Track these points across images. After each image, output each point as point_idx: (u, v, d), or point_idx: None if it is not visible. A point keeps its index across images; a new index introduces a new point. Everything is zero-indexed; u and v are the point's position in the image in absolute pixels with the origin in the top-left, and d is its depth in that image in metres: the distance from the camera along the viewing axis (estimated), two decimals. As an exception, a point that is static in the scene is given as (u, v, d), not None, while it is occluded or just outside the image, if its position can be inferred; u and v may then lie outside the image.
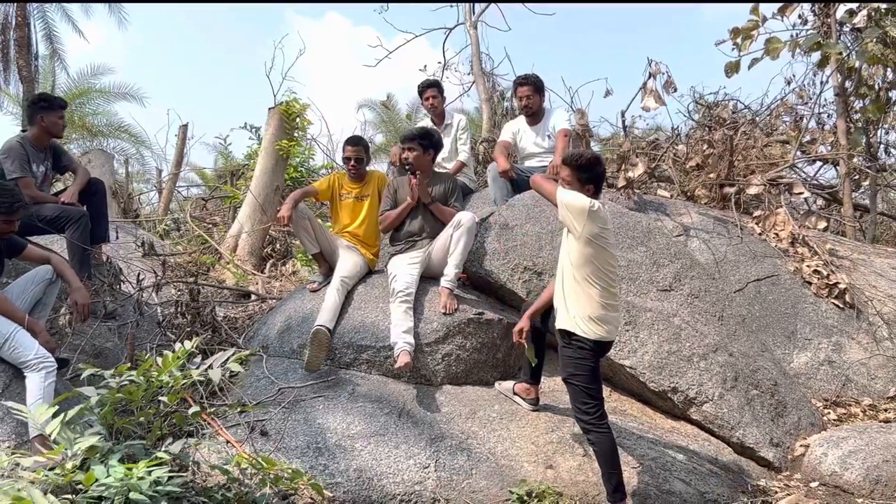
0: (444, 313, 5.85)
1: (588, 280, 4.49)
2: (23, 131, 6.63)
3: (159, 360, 4.13)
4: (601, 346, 4.59)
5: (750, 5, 8.20)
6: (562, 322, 4.57)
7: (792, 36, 8.23)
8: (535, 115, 7.68)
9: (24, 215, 5.26)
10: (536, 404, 5.49)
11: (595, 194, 4.67)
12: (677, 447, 5.36)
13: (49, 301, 5.48)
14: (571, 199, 4.52)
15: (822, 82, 9.69)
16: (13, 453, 4.04)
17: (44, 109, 6.34)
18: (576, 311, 4.51)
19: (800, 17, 9.02)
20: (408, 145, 6.28)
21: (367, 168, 6.77)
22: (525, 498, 4.62)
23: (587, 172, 4.64)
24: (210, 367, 4.06)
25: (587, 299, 4.49)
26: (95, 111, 23.11)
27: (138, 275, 6.68)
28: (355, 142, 6.63)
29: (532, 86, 7.55)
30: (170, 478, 3.54)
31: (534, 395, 5.48)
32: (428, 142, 6.30)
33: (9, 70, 22.87)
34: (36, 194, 6.11)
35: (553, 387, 6.03)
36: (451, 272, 5.94)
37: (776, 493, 5.18)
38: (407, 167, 6.34)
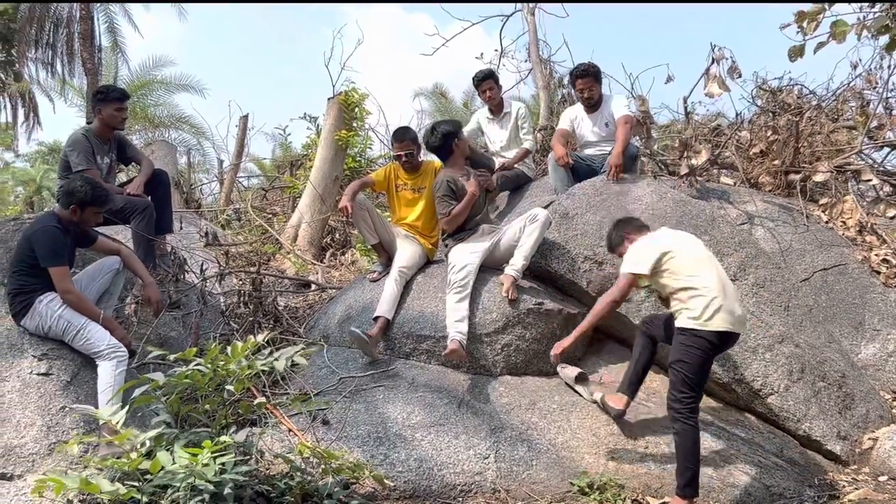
0: (508, 301, 5.83)
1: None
2: (88, 123, 6.75)
3: (228, 350, 4.19)
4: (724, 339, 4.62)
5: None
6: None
7: (859, 19, 8.01)
8: (594, 104, 7.55)
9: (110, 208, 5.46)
10: (622, 417, 5.28)
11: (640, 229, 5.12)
12: (742, 439, 5.28)
13: (115, 291, 5.59)
14: (636, 251, 4.84)
15: (890, 66, 9.42)
16: (82, 441, 4.14)
17: (101, 102, 6.43)
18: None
19: (867, -2, 8.76)
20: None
21: (422, 158, 6.75)
22: (586, 489, 4.60)
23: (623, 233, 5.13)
24: (276, 358, 4.11)
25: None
26: (157, 102, 23.54)
27: (201, 265, 6.77)
28: (400, 137, 6.57)
29: (591, 77, 7.36)
30: (234, 464, 3.59)
31: (623, 406, 5.22)
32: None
33: (73, 63, 23.38)
34: (105, 185, 6.21)
35: (612, 378, 5.99)
36: (518, 262, 5.91)
37: (844, 487, 5.08)
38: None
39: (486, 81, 8.26)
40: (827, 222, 7.76)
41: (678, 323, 4.58)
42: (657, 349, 5.23)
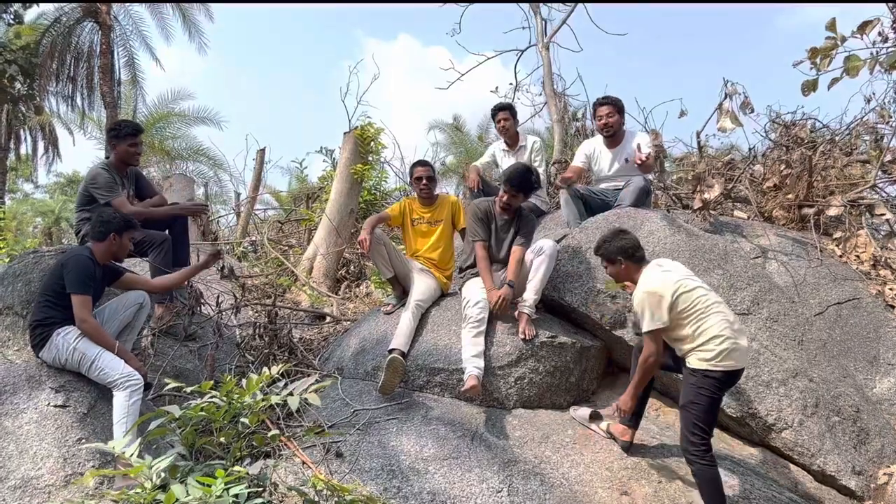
0: (523, 339, 5.85)
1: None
2: (106, 157, 6.84)
3: (243, 382, 4.23)
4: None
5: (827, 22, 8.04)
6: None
7: (872, 54, 8.05)
8: (614, 137, 7.52)
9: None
10: (629, 448, 5.30)
11: (640, 260, 5.03)
12: (756, 474, 5.26)
13: (137, 325, 5.66)
14: (647, 303, 4.76)
15: (903, 100, 9.44)
16: (98, 474, 4.17)
17: (115, 138, 6.51)
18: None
19: (880, 34, 8.81)
20: (513, 192, 6.12)
21: (437, 191, 6.85)
22: (599, 524, 4.59)
23: (621, 252, 5.02)
24: (290, 393, 4.14)
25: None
26: (175, 135, 23.78)
27: (218, 297, 6.83)
28: (424, 162, 6.83)
29: (613, 105, 7.38)
30: (248, 497, 3.61)
31: (629, 438, 5.28)
32: (528, 190, 6.27)
33: (93, 96, 23.70)
34: (134, 210, 6.25)
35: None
36: (530, 298, 5.94)
37: (859, 523, 5.05)
38: (504, 207, 6.24)
39: (501, 112, 8.38)
40: (841, 256, 7.75)
41: (689, 363, 4.66)
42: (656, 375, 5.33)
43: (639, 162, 7.04)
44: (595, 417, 5.65)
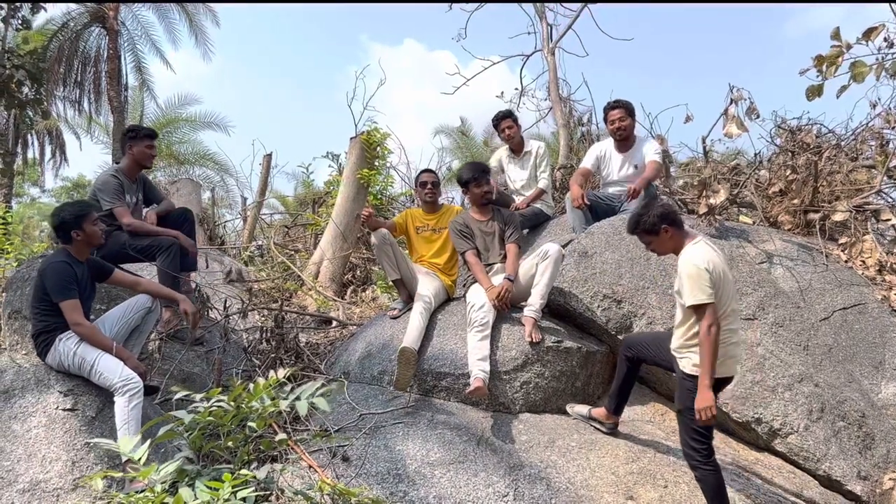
0: (529, 344, 5.87)
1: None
2: (116, 163, 6.87)
3: (250, 387, 4.24)
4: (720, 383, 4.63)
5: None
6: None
7: (877, 59, 8.06)
8: (626, 141, 7.56)
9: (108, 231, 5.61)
10: (614, 430, 5.51)
11: (682, 225, 4.81)
12: (761, 479, 5.27)
13: (146, 329, 5.66)
14: (690, 273, 4.52)
15: (909, 106, 9.43)
16: (105, 476, 4.20)
17: (132, 139, 6.56)
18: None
19: (885, 40, 8.83)
20: (482, 180, 6.51)
21: (442, 202, 6.94)
22: (605, 529, 4.60)
23: (663, 219, 4.71)
24: (298, 397, 4.16)
25: None
26: (182, 140, 23.83)
27: (225, 301, 6.85)
28: (430, 170, 6.98)
29: (624, 108, 7.42)
30: (255, 501, 3.63)
31: (613, 421, 5.49)
32: (486, 170, 6.67)
33: (100, 101, 23.76)
34: (132, 222, 6.28)
35: (633, 416, 5.99)
36: (536, 302, 5.96)
37: (865, 528, 5.05)
38: (486, 201, 6.53)
39: (505, 120, 8.39)
40: (846, 261, 7.76)
41: (684, 368, 4.62)
42: (640, 369, 5.42)
43: (633, 190, 7.07)
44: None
